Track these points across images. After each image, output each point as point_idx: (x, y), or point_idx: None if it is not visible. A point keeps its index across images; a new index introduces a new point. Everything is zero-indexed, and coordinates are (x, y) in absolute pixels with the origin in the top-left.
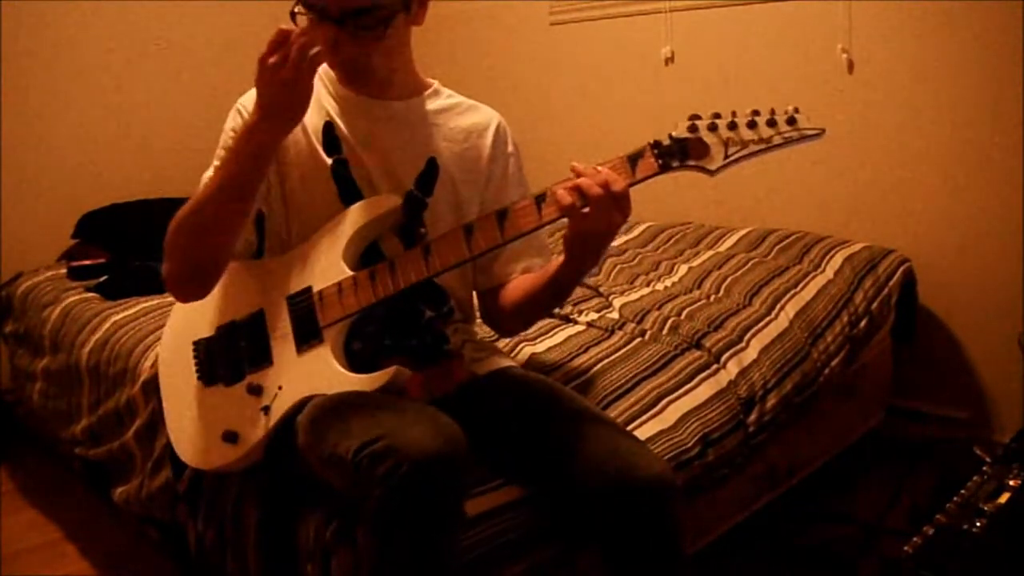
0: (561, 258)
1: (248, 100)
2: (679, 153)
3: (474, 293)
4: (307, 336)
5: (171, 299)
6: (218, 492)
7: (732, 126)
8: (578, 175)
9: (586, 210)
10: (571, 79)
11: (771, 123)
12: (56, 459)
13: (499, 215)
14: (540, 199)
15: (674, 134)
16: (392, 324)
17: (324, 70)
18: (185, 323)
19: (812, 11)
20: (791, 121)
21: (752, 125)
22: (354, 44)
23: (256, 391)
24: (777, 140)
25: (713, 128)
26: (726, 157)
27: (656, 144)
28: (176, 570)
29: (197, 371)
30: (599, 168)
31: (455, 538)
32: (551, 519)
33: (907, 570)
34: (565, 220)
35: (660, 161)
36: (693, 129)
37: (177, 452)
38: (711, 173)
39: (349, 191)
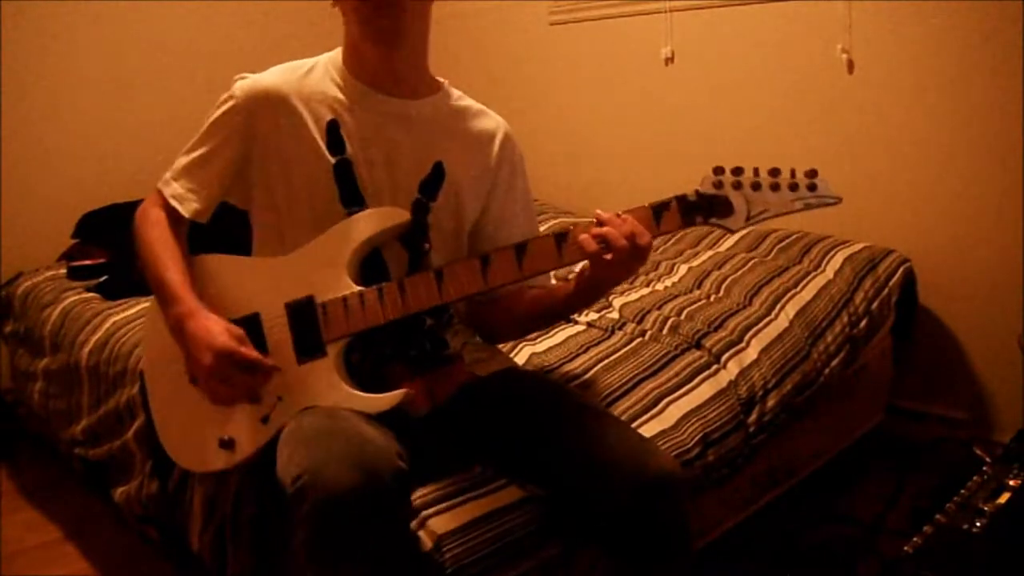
0: (571, 287)
1: (243, 85)
2: (704, 210)
3: None
4: (309, 348)
5: None
6: (216, 491)
7: (756, 187)
8: (601, 223)
9: (608, 256)
10: (571, 79)
11: (793, 187)
12: (56, 459)
13: (518, 250)
14: (560, 239)
15: (700, 190)
16: (394, 334)
17: (332, 59)
18: None
19: (812, 11)
20: (812, 188)
21: (775, 188)
22: None
23: (254, 398)
24: (798, 206)
25: (737, 187)
26: (748, 218)
27: (682, 199)
28: (176, 570)
29: (188, 373)
30: (624, 217)
31: (394, 568)
32: (554, 519)
33: (907, 570)
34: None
35: (685, 218)
36: (718, 185)
37: (169, 454)
38: (732, 232)
39: (350, 193)
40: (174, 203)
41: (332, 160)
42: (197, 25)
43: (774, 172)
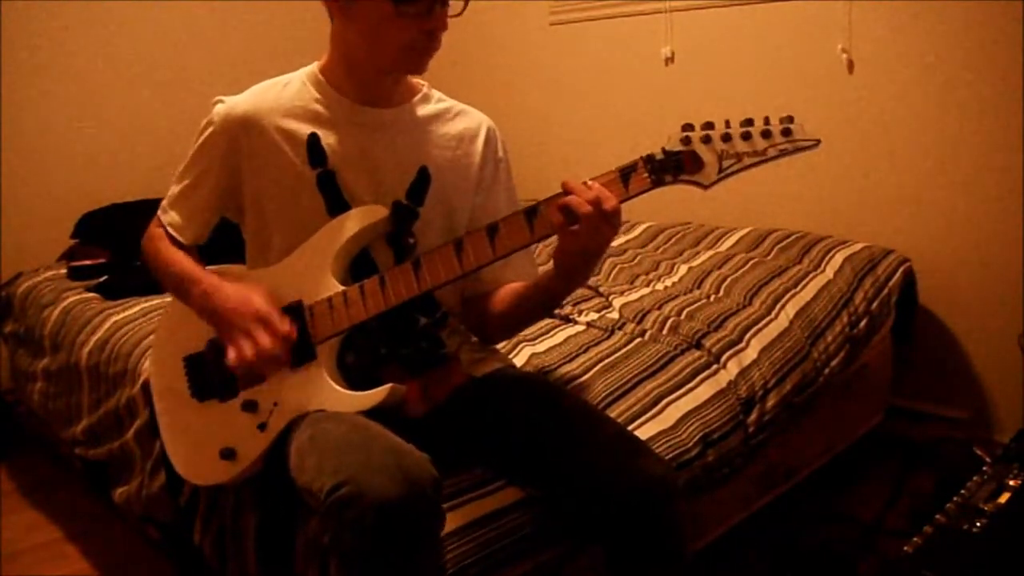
0: (551, 270)
1: (221, 111)
2: (673, 167)
3: None
4: (300, 352)
5: (169, 301)
6: (217, 497)
7: (726, 138)
8: (568, 191)
9: (576, 227)
10: (571, 79)
11: (766, 134)
12: (56, 459)
13: (490, 231)
14: (531, 214)
15: (667, 147)
16: (387, 334)
17: (309, 73)
18: (174, 337)
19: (812, 11)
20: (786, 132)
21: (747, 137)
22: (443, 19)
23: (251, 407)
24: (772, 152)
25: (707, 140)
26: (720, 171)
27: (649, 158)
28: (176, 570)
29: (190, 387)
30: (590, 184)
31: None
32: (552, 521)
33: (907, 570)
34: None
35: (653, 177)
36: (686, 141)
37: (174, 467)
38: (705, 187)
39: (336, 202)
40: (173, 232)
41: (314, 172)
42: (197, 26)
43: (746, 122)
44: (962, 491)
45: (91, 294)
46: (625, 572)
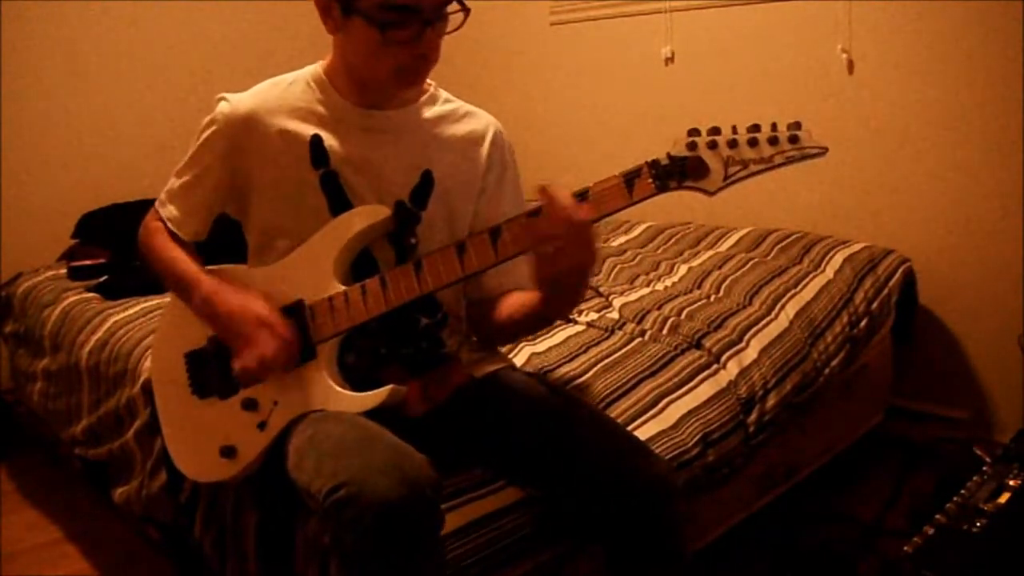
0: (538, 296)
1: (224, 110)
2: (678, 173)
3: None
4: (300, 351)
5: (169, 298)
6: (217, 496)
7: (732, 144)
8: (546, 197)
9: (548, 248)
10: (571, 79)
11: (773, 141)
12: (56, 459)
13: (492, 234)
14: (533, 217)
15: (672, 152)
16: (387, 334)
17: (313, 74)
18: (176, 333)
19: (812, 11)
20: (793, 139)
21: (753, 143)
22: (436, 41)
23: (251, 406)
24: (779, 160)
25: (713, 146)
26: (726, 178)
27: (654, 164)
28: (176, 570)
29: (190, 384)
30: (562, 201)
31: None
32: (552, 521)
33: (907, 570)
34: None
35: (657, 182)
36: (692, 147)
37: (175, 464)
38: (710, 194)
39: (339, 203)
40: (171, 226)
41: (317, 173)
42: (197, 26)
43: (753, 128)
44: (962, 491)
45: (91, 294)
46: (625, 572)
